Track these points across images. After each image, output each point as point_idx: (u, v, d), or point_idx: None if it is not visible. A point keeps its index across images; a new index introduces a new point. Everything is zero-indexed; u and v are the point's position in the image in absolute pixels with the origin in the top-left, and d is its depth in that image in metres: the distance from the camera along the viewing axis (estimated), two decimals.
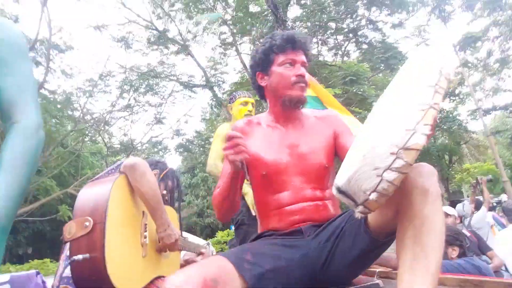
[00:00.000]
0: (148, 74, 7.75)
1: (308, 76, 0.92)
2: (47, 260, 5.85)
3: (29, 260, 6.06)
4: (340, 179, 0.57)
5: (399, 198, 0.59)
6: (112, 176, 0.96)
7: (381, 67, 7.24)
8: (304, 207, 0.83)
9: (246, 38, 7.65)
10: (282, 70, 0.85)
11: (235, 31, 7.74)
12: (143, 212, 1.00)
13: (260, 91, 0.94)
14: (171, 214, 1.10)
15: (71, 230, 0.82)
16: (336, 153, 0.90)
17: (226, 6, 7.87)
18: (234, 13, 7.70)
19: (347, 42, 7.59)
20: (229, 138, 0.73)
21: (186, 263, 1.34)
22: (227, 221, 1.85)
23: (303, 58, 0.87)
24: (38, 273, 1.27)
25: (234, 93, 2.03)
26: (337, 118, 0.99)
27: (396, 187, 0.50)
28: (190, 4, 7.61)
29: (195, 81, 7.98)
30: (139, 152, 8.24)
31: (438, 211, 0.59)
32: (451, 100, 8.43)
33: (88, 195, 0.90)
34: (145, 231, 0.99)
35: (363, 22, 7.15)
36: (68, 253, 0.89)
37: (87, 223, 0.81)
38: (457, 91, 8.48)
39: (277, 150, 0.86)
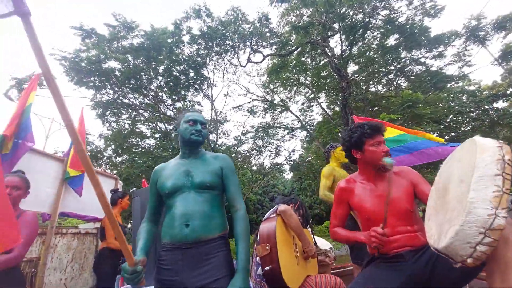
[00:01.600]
0: (267, 127, 13.30)
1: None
2: None
3: None
4: (437, 243, 0.74)
5: None
6: (273, 217, 1.61)
7: (431, 90, 9.36)
8: (401, 237, 1.08)
9: (322, 93, 11.85)
10: (374, 149, 1.20)
11: (314, 89, 12.09)
12: (293, 236, 1.61)
13: (352, 160, 1.32)
14: (307, 234, 1.70)
15: (259, 251, 1.43)
16: (417, 197, 1.16)
17: (305, 76, 12.40)
18: (312, 79, 12.07)
19: (397, 78, 10.21)
20: (381, 234, 1.04)
21: (320, 262, 1.98)
22: None
23: (383, 138, 1.23)
24: None
25: (333, 144, 2.62)
26: (410, 170, 1.26)
27: (487, 255, 0.65)
28: (284, 82, 12.65)
29: (295, 126, 12.86)
30: (268, 174, 13.75)
31: None
32: (504, 100, 8.83)
33: (264, 229, 1.50)
34: (296, 248, 1.57)
35: (407, 62, 9.67)
36: (257, 259, 1.52)
37: (267, 247, 1.39)
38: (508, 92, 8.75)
39: (373, 201, 1.18)
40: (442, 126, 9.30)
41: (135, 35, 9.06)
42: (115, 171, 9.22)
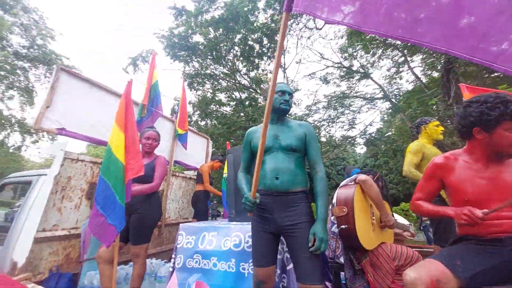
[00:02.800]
0: (342, 96, 12.34)
1: None
2: None
3: None
4: None
5: None
6: (352, 184, 1.71)
7: None
8: (504, 223, 1.02)
9: (417, 56, 9.83)
10: (508, 135, 1.02)
11: (406, 51, 10.14)
12: (370, 205, 1.70)
13: (466, 136, 1.16)
14: (386, 205, 1.72)
15: (336, 211, 1.58)
16: None
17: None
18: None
19: None
20: (478, 217, 0.96)
21: (396, 235, 2.01)
22: None
23: None
24: None
25: (425, 118, 2.40)
26: None
27: None
28: (367, 43, 11.05)
29: (376, 95, 11.43)
30: (339, 147, 13.17)
31: None
32: None
33: (342, 193, 1.63)
34: (373, 216, 1.67)
35: None
36: (333, 219, 1.71)
37: (344, 209, 1.55)
38: None
39: (478, 183, 1.08)
40: None
41: (216, 7, 9.59)
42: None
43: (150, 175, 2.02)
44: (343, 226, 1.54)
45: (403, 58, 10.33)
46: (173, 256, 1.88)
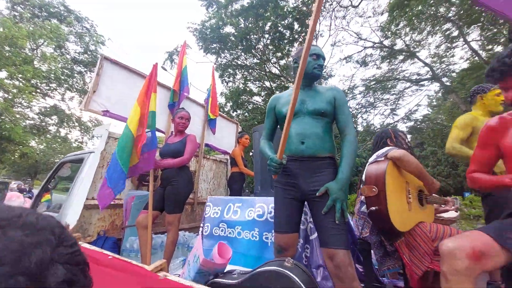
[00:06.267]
0: (382, 80, 11.31)
1: None
2: None
3: None
4: None
5: None
6: (383, 160, 1.49)
7: None
8: None
9: (474, 29, 8.42)
10: None
11: (461, 23, 8.77)
12: (406, 182, 1.49)
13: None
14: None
15: (365, 191, 1.41)
16: None
17: (448, 5, 9.06)
18: (460, 7, 8.69)
19: None
20: None
21: (436, 211, 1.77)
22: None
23: None
24: None
25: (482, 85, 2.01)
26: None
27: None
28: (413, 18, 9.85)
29: (424, 77, 10.22)
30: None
31: None
32: None
33: (372, 171, 1.44)
34: (409, 194, 1.48)
35: None
36: (362, 198, 1.56)
37: (374, 189, 1.37)
38: None
39: None
40: None
41: None
42: None
43: (182, 150, 2.14)
44: (373, 208, 1.37)
45: (457, 32, 8.99)
46: (201, 225, 1.98)
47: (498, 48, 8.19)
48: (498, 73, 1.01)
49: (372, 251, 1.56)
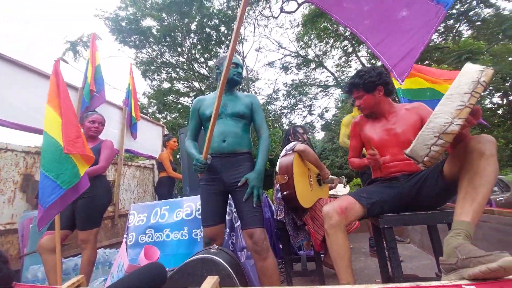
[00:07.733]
0: (299, 84, 12.89)
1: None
2: None
3: None
4: (408, 149, 0.87)
5: (463, 158, 0.85)
6: (290, 153, 1.83)
7: (500, 37, 7.76)
8: (399, 164, 1.27)
9: (363, 47, 10.74)
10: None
11: (354, 42, 11.00)
12: (308, 168, 1.90)
13: (374, 96, 1.38)
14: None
15: (279, 179, 1.71)
16: None
17: (345, 29, 11.20)
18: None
19: (458, 24, 8.60)
20: (372, 155, 1.28)
21: (330, 188, 2.43)
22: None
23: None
24: None
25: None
26: (421, 105, 1.37)
27: (440, 154, 0.77)
28: (320, 33, 11.66)
29: (330, 83, 12.24)
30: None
31: (490, 165, 0.79)
32: None
33: (283, 162, 1.78)
34: (310, 178, 1.89)
35: (474, 3, 7.97)
36: (278, 187, 1.82)
37: (285, 177, 1.67)
38: None
39: (380, 134, 1.37)
40: (508, 84, 7.93)
41: None
42: None
43: (96, 158, 1.91)
44: (285, 193, 1.66)
45: (351, 48, 11.22)
46: (124, 236, 1.85)
47: (378, 63, 10.71)
48: (348, 89, 1.47)
49: (287, 229, 1.86)
